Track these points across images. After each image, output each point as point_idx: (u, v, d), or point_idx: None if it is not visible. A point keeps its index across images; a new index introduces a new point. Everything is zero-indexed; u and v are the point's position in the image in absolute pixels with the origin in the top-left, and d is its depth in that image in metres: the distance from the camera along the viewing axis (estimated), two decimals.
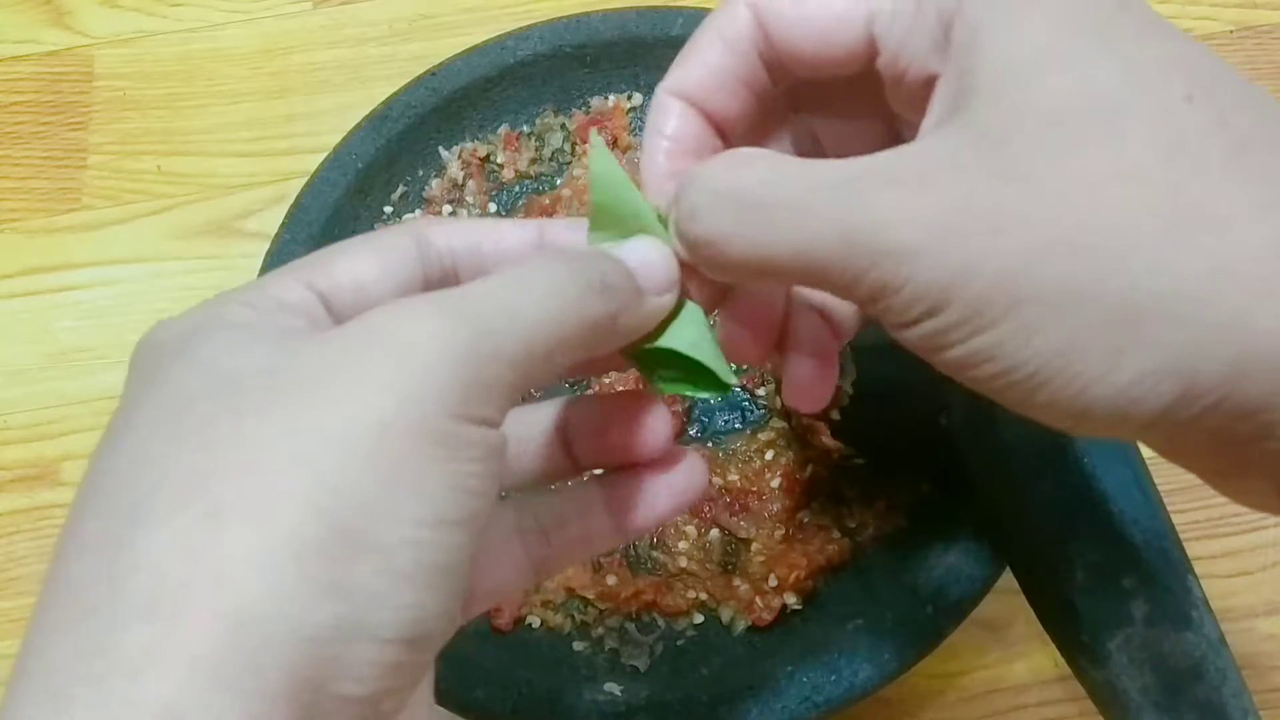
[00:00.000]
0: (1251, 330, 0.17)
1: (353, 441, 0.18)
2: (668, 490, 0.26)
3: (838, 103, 0.26)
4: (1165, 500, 0.32)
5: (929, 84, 0.21)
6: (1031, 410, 0.20)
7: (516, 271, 0.21)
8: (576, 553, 0.26)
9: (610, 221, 0.24)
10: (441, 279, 0.24)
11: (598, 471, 0.27)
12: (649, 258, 0.23)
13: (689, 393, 0.25)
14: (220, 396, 0.19)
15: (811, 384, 0.26)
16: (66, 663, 0.17)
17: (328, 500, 0.17)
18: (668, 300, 0.24)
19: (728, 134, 0.25)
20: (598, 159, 0.24)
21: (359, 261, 0.22)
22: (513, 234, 0.24)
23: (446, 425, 0.18)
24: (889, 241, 0.19)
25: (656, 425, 0.25)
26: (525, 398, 0.27)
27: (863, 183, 0.19)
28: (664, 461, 0.26)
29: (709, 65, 0.24)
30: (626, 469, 0.26)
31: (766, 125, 0.26)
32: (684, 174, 0.22)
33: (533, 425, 0.27)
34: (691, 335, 0.24)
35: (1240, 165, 0.18)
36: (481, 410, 0.19)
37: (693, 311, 0.25)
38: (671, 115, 0.24)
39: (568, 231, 0.25)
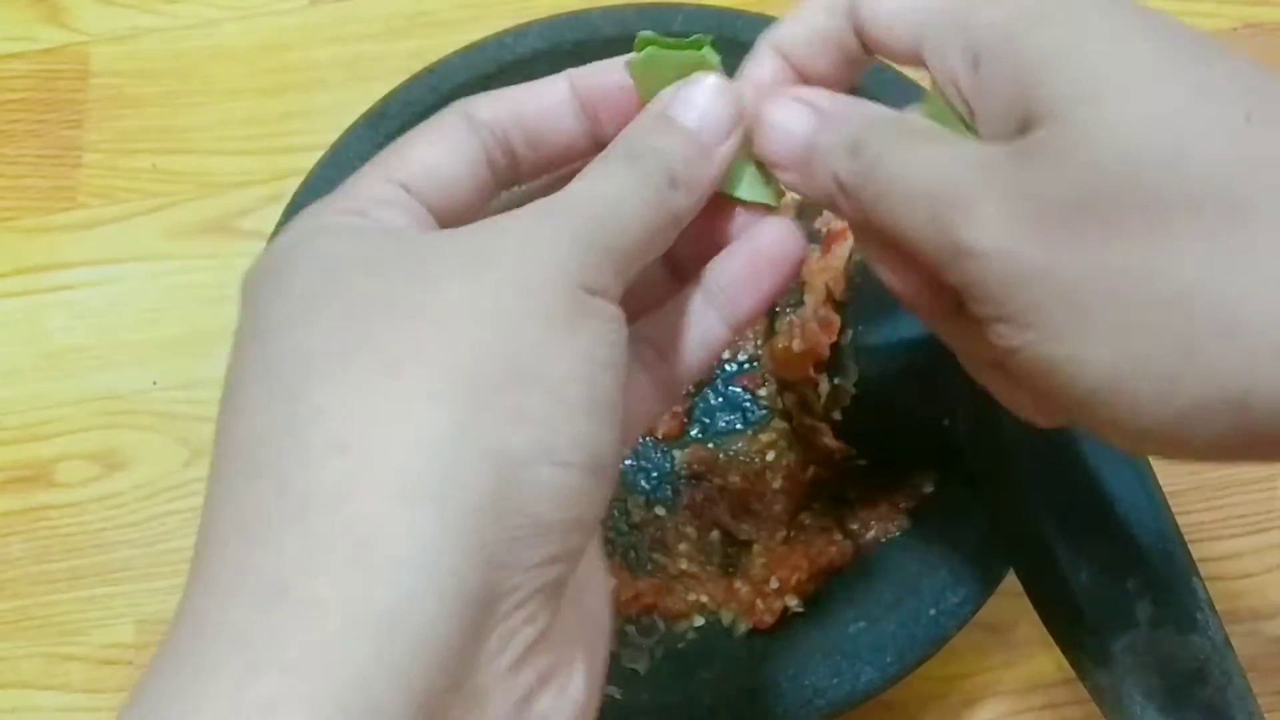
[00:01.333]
0: None
1: (506, 300, 0.19)
2: (767, 262, 0.26)
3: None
4: (1170, 501, 0.32)
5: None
6: (1099, 430, 0.20)
7: (592, 183, 0.22)
8: (698, 363, 0.26)
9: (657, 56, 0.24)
10: (500, 150, 0.24)
11: None
12: (710, 111, 0.24)
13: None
14: (368, 269, 0.20)
15: None
16: (261, 504, 0.17)
17: (498, 344, 0.19)
18: (731, 145, 0.24)
19: None
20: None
21: (424, 148, 0.23)
22: (548, 93, 0.25)
23: (577, 292, 0.20)
24: (969, 241, 0.20)
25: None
26: None
27: (962, 183, 0.20)
28: (754, 233, 0.26)
29: (810, 25, 0.25)
30: (722, 258, 0.26)
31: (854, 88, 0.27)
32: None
33: None
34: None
35: None
36: (601, 283, 0.21)
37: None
38: (765, 66, 0.25)
39: (597, 75, 0.25)
